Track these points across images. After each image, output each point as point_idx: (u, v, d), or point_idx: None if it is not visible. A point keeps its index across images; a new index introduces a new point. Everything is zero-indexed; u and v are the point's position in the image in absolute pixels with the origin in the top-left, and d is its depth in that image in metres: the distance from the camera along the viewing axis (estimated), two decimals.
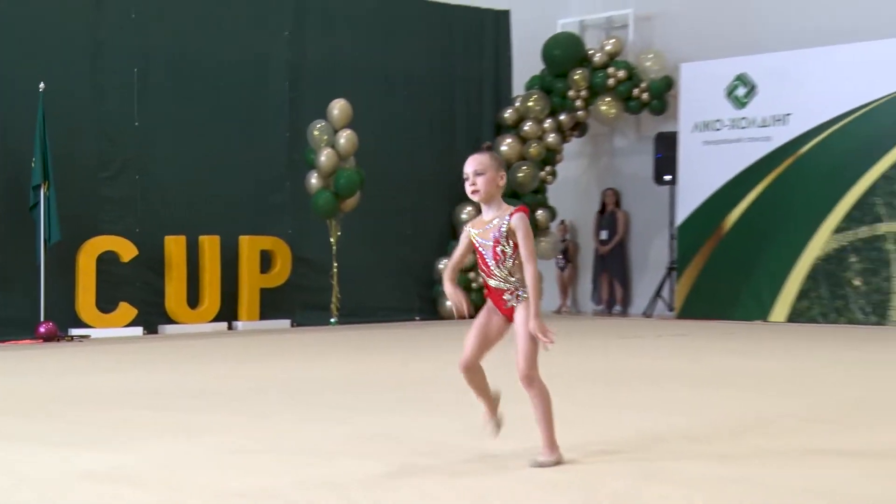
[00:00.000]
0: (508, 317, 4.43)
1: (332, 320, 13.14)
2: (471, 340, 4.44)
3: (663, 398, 6.58)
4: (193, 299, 12.40)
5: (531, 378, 4.36)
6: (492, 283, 4.42)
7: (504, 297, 4.40)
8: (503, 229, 4.31)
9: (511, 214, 4.31)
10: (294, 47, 13.45)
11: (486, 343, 4.44)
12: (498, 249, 4.33)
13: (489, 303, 4.47)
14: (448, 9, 14.88)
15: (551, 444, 4.37)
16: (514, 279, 4.36)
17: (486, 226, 4.36)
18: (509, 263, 4.34)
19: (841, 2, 13.97)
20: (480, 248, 4.38)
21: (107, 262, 11.85)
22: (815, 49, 13.56)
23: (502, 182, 4.38)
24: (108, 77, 12.10)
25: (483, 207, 4.42)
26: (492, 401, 4.57)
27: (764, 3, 14.58)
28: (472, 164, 4.39)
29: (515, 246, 4.31)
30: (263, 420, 5.73)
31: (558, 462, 4.34)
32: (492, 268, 4.38)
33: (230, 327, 12.64)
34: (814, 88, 13.37)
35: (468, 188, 4.40)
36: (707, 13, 14.99)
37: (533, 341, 4.35)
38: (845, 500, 3.77)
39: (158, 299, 12.22)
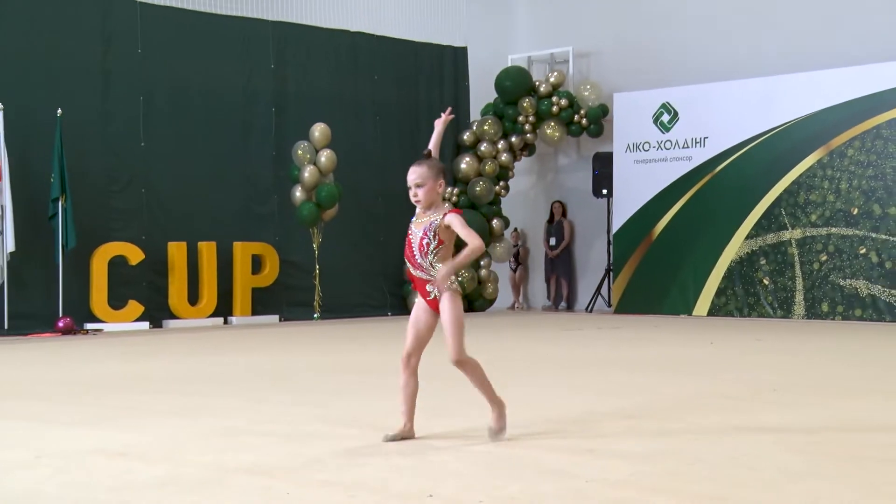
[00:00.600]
0: (433, 308, 4.30)
1: (315, 315, 13.08)
2: (408, 336, 4.36)
3: (603, 382, 6.58)
4: (193, 297, 12.30)
5: (461, 361, 4.30)
6: (415, 273, 4.31)
7: (427, 288, 4.30)
8: (434, 224, 4.23)
9: (445, 214, 4.24)
10: (278, 78, 13.39)
11: (420, 337, 4.34)
12: (424, 241, 4.24)
13: (418, 300, 4.35)
14: (413, 45, 14.87)
15: (495, 400, 4.33)
16: (435, 270, 4.23)
17: (420, 220, 4.29)
18: (431, 256, 4.24)
19: (750, 41, 14.10)
20: (410, 237, 4.30)
21: (117, 264, 11.74)
22: (728, 82, 13.67)
23: (441, 189, 4.28)
24: (116, 104, 12.01)
25: (422, 210, 4.33)
26: (410, 422, 4.38)
27: (684, 42, 14.67)
28: (412, 176, 4.27)
29: (440, 241, 4.22)
30: (257, 403, 5.67)
31: (503, 428, 4.31)
32: (417, 257, 4.27)
33: (226, 322, 12.54)
34: (727, 115, 13.47)
35: (411, 197, 4.29)
36: (636, 51, 15.07)
37: (458, 327, 4.22)
38: (765, 468, 3.78)
39: (162, 297, 12.10)
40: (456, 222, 4.20)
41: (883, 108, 12.33)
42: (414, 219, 4.34)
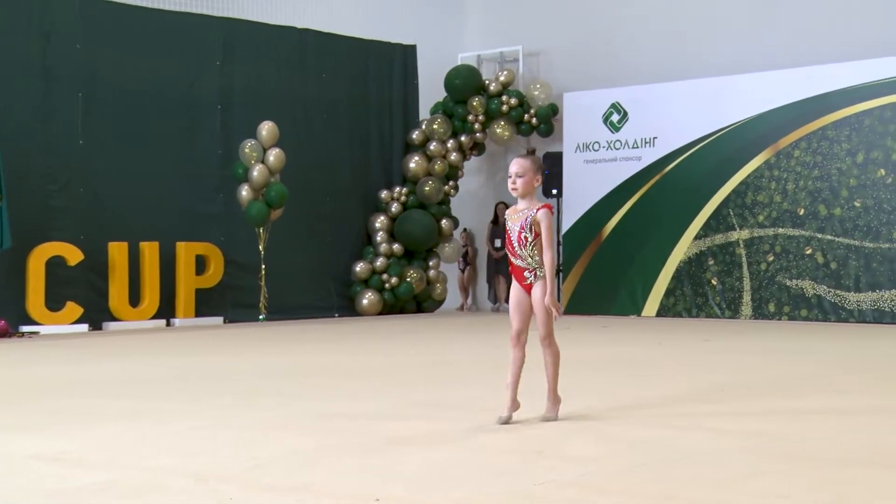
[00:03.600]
0: (528, 291, 4.79)
1: (261, 317, 12.97)
2: (513, 317, 4.80)
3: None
4: (135, 299, 12.15)
5: (548, 339, 4.81)
6: (515, 261, 4.78)
7: (525, 275, 4.77)
8: (529, 219, 4.69)
9: (538, 209, 4.69)
10: (225, 75, 13.28)
11: (523, 316, 4.79)
12: (522, 235, 4.71)
13: (514, 283, 4.82)
14: (363, 43, 14.82)
15: (554, 392, 4.83)
16: (532, 261, 4.72)
17: (517, 213, 4.74)
18: (529, 248, 4.71)
19: (699, 42, 14.28)
20: (509, 231, 4.77)
21: (55, 265, 11.54)
22: (677, 82, 13.83)
23: (537, 183, 4.76)
24: (55, 101, 11.82)
25: (519, 200, 4.76)
26: (515, 393, 4.81)
27: (634, 42, 14.82)
28: (515, 167, 4.73)
29: (536, 234, 4.69)
30: (200, 406, 5.60)
31: (556, 417, 4.81)
32: (516, 248, 4.74)
33: (168, 324, 12.40)
34: (677, 116, 13.63)
35: (510, 185, 4.75)
36: (585, 50, 15.18)
37: (547, 311, 4.73)
38: (715, 468, 3.82)
39: (102, 299, 11.93)
40: (544, 223, 4.68)
41: (829, 110, 12.56)
42: (509, 212, 4.80)
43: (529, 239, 4.69)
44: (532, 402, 5.03)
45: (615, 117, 14.19)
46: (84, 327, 11.62)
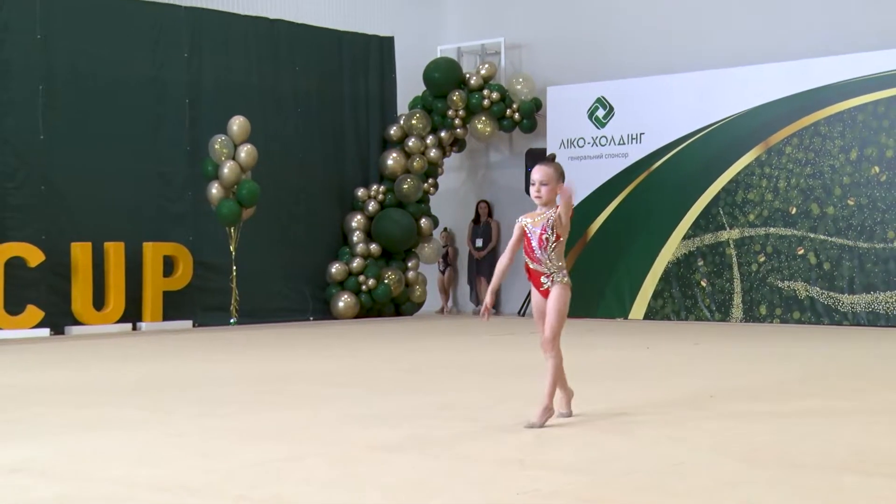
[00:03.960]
0: (545, 296, 4.97)
1: (232, 321, 12.94)
2: (538, 324, 5.02)
3: (534, 389, 6.61)
4: (99, 302, 12.09)
5: (552, 344, 4.95)
6: (533, 266, 4.98)
7: (542, 280, 4.97)
8: (551, 220, 4.91)
9: (556, 209, 4.93)
10: (193, 68, 13.23)
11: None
12: (544, 237, 4.93)
13: (533, 290, 5.01)
14: (337, 34, 14.80)
15: (549, 399, 4.93)
16: (551, 265, 4.94)
17: (538, 217, 4.96)
18: (550, 250, 4.92)
19: (688, 34, 14.34)
20: (529, 234, 4.98)
21: (14, 266, 11.46)
22: (665, 76, 13.89)
23: (560, 191, 4.95)
24: (13, 93, 11.74)
25: (539, 206, 4.99)
26: (566, 388, 5.08)
27: (620, 34, 14.87)
28: (539, 174, 4.94)
29: (557, 236, 4.91)
30: (167, 415, 5.58)
31: (542, 424, 4.87)
32: (536, 251, 4.95)
33: (135, 328, 12.35)
34: (664, 111, 13.69)
35: (533, 192, 4.98)
36: (570, 42, 15.23)
37: (560, 315, 4.92)
38: (701, 477, 3.84)
39: (65, 302, 11.86)
40: (563, 207, 4.87)
41: (821, 105, 12.65)
42: (524, 217, 5.02)
43: (551, 241, 4.91)
44: (522, 408, 5.04)
45: (600, 112, 14.24)
46: (46, 332, 11.55)
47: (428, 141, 15.16)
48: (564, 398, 5.13)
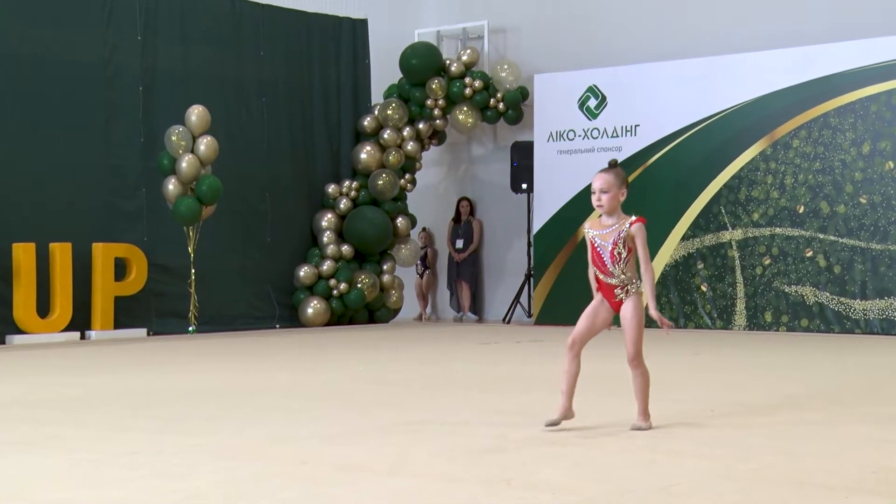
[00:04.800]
0: (616, 309, 5.27)
1: (191, 328, 12.91)
2: (581, 323, 5.30)
3: (522, 403, 6.64)
4: (44, 308, 12.05)
5: (638, 359, 5.27)
6: (604, 279, 5.24)
7: (615, 292, 5.24)
8: (622, 234, 5.16)
9: (631, 224, 5.17)
10: (147, 52, 13.21)
11: (592, 328, 5.32)
12: (615, 252, 5.18)
13: (599, 296, 5.28)
14: (305, 17, 14.80)
15: (645, 412, 5.26)
16: (625, 277, 5.19)
17: (606, 230, 5.20)
18: (622, 264, 5.18)
19: (684, 19, 14.41)
20: (598, 249, 5.23)
21: None
22: (662, 63, 13.94)
23: (623, 197, 5.22)
24: None
25: (603, 216, 5.24)
26: (570, 402, 5.27)
27: (611, 18, 14.93)
28: (599, 182, 5.18)
29: (629, 250, 5.16)
30: (120, 431, 5.57)
31: (650, 427, 5.21)
32: (608, 266, 5.21)
33: (83, 337, 12.32)
34: (661, 101, 13.75)
35: (594, 201, 5.22)
36: (559, 26, 15.27)
37: (639, 329, 5.21)
38: (698, 498, 3.87)
39: (6, 308, 11.83)
40: (640, 237, 5.15)
41: (831, 94, 12.73)
42: (589, 227, 5.26)
43: (623, 255, 5.16)
44: (508, 424, 5.04)
45: (592, 102, 14.29)
46: None
47: (405, 133, 15.18)
48: (562, 408, 5.27)
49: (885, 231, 12.39)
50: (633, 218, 5.21)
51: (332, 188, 14.81)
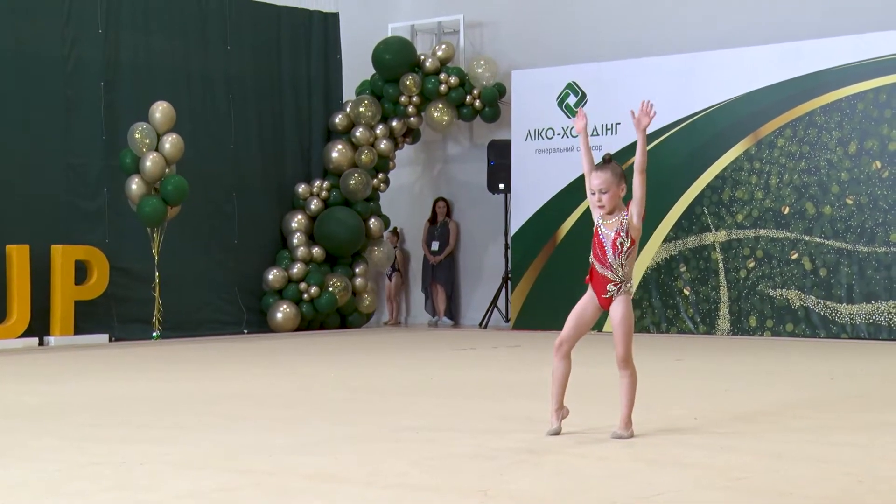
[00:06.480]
0: (604, 306, 5.32)
1: (155, 334, 12.86)
2: (568, 324, 5.38)
3: (498, 411, 6.65)
4: (0, 313, 11.96)
5: (627, 361, 5.33)
6: (601, 270, 5.29)
7: (608, 287, 5.29)
8: (624, 223, 5.24)
9: (627, 210, 5.26)
10: (109, 46, 13.16)
11: (579, 328, 5.39)
12: (618, 241, 5.25)
13: (589, 292, 5.34)
14: (275, 9, 14.78)
15: (628, 420, 5.30)
16: (622, 272, 5.26)
17: (610, 219, 5.28)
18: (623, 256, 5.24)
19: (666, 15, 14.47)
20: (602, 237, 5.30)
21: None
22: (643, 59, 14.00)
23: (623, 192, 5.28)
24: None
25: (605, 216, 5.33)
26: (561, 402, 5.39)
27: (592, 12, 14.97)
28: (597, 182, 5.26)
29: (632, 241, 5.24)
30: (80, 440, 5.54)
31: (631, 436, 5.26)
32: (608, 256, 5.26)
33: (42, 343, 12.25)
34: (642, 98, 13.74)
35: (595, 202, 5.30)
36: (536, 21, 15.31)
37: (629, 329, 5.25)
38: (690, 500, 3.89)
39: None
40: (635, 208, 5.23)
41: (817, 92, 12.82)
42: (600, 221, 5.31)
43: (626, 245, 5.24)
44: (484, 432, 5.04)
45: (572, 99, 14.33)
46: None
47: (378, 131, 15.17)
48: (557, 413, 5.41)
49: (872, 233, 12.48)
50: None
51: (302, 188, 14.79)
